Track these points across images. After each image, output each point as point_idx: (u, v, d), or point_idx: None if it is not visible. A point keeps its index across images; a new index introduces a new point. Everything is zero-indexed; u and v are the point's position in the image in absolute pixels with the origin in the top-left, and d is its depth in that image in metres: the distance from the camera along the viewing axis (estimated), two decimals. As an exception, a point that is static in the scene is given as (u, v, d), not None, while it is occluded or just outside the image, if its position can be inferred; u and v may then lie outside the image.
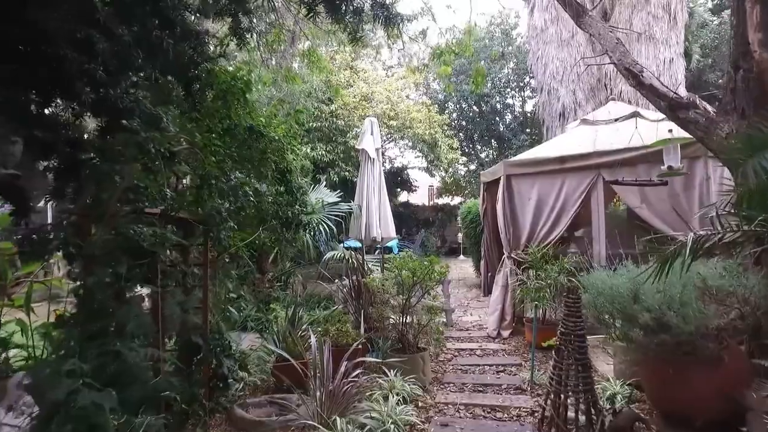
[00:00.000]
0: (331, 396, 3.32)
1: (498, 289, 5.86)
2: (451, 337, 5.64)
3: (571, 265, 4.97)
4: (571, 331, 2.70)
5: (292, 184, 4.77)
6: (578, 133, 6.68)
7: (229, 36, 4.66)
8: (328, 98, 11.42)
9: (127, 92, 2.68)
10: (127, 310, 1.86)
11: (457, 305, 7.48)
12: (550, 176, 5.64)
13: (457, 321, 6.43)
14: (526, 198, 5.81)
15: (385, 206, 8.57)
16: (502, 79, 15.53)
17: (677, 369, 2.75)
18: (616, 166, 4.99)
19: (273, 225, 4.52)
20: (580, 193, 5.42)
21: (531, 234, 5.69)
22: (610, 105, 7.06)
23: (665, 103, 3.72)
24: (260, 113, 5.21)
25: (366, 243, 8.69)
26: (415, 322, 4.35)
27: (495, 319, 5.68)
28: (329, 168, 10.72)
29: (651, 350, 2.76)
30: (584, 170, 5.41)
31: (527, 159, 5.99)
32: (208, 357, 3.31)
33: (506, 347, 5.19)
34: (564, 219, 5.49)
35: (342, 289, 5.74)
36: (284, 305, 6.72)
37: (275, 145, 4.75)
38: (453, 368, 4.57)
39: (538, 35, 12.23)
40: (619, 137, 5.64)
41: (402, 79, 12.83)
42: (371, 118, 8.75)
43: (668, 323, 2.70)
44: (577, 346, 2.68)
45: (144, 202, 2.20)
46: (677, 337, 2.66)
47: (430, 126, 11.85)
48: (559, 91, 11.65)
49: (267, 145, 4.61)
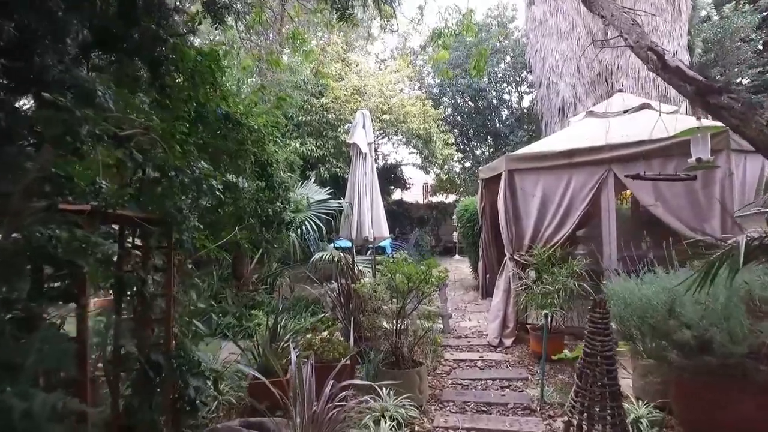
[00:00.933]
0: (314, 421, 2.86)
1: (499, 293, 5.42)
2: (449, 346, 5.20)
3: (582, 268, 4.55)
4: (598, 352, 2.26)
5: (274, 179, 4.29)
6: (584, 126, 6.26)
7: (202, 12, 4.17)
8: (318, 91, 10.94)
9: (61, 62, 2.20)
10: (31, 340, 1.39)
11: (453, 309, 7.04)
12: (557, 171, 5.21)
13: (454, 327, 5.99)
14: (530, 195, 5.38)
15: (377, 204, 8.09)
16: (498, 73, 15.10)
17: (723, 392, 2.32)
18: (638, 160, 4.58)
19: (252, 224, 4.05)
20: (589, 190, 4.99)
21: (535, 234, 5.26)
22: (617, 97, 6.65)
23: (693, 87, 3.28)
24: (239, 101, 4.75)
25: (358, 243, 8.22)
26: (410, 332, 3.90)
27: (496, 327, 5.24)
28: (319, 164, 10.23)
29: (690, 371, 2.33)
30: (594, 165, 4.99)
31: (531, 153, 5.55)
32: (171, 377, 2.83)
33: (509, 358, 4.76)
34: (571, 218, 5.06)
35: (330, 294, 5.28)
36: (267, 311, 6.26)
37: (255, 136, 4.28)
38: (452, 383, 4.13)
39: (536, 27, 11.83)
40: (630, 130, 5.23)
41: (395, 73, 12.35)
42: (363, 110, 8.27)
43: (712, 341, 2.27)
44: (606, 370, 2.24)
45: (67, 197, 1.72)
46: (724, 358, 2.23)
47: (425, 120, 11.39)
48: (559, 85, 11.25)
49: (246, 136, 4.13)
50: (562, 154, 5.19)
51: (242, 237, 3.89)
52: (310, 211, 6.96)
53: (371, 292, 4.08)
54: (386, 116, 10.64)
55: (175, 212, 2.56)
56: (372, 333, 4.11)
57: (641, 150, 4.66)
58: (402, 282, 3.81)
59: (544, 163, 5.32)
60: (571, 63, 11.22)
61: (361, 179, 7.92)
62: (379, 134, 12.39)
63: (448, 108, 15.45)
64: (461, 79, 14.11)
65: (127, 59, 3.14)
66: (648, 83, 10.36)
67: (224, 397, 3.75)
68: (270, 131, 4.55)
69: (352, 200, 7.90)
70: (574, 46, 11.23)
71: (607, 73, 11.24)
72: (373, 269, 4.63)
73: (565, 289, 4.38)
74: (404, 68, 12.56)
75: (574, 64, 11.19)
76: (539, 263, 4.90)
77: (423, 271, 3.66)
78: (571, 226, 5.05)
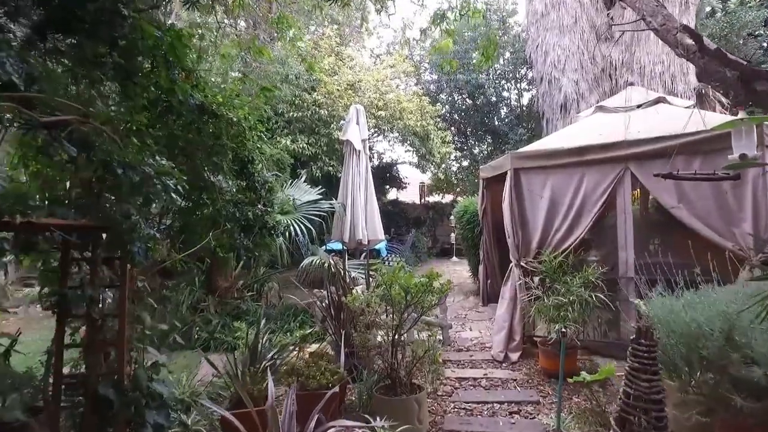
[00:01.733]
0: (295, 466, 2.41)
1: (504, 303, 4.98)
2: (450, 361, 4.75)
3: (598, 277, 4.11)
4: (644, 394, 1.81)
5: (255, 178, 3.81)
6: (594, 121, 5.83)
7: (172, -11, 3.69)
8: (311, 87, 10.45)
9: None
10: None
11: (453, 317, 6.60)
12: (567, 170, 4.77)
13: (455, 338, 5.54)
14: (538, 196, 4.94)
15: (371, 205, 7.61)
16: (497, 69, 14.66)
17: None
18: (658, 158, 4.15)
19: (230, 229, 3.57)
20: (604, 190, 4.56)
21: (543, 238, 4.82)
22: (628, 91, 6.22)
23: (736, 73, 2.86)
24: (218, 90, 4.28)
25: (351, 246, 7.74)
26: (408, 355, 3.43)
27: (501, 340, 4.79)
28: (311, 162, 9.74)
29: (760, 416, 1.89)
30: (609, 163, 4.55)
31: (539, 150, 5.10)
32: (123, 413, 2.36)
33: (517, 376, 4.31)
34: (583, 221, 4.62)
35: (320, 302, 4.81)
36: (253, 320, 5.79)
37: (235, 130, 3.80)
38: (455, 408, 3.67)
39: (537, 21, 11.40)
40: (646, 125, 4.80)
41: (391, 68, 11.88)
42: (357, 105, 7.79)
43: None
44: (655, 417, 1.79)
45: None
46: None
47: (422, 117, 10.92)
48: (561, 81, 10.82)
49: (224, 129, 3.65)
50: (574, 152, 4.75)
51: (217, 244, 3.42)
52: (298, 212, 6.48)
53: (364, 305, 3.61)
54: (381, 112, 10.16)
55: (121, 218, 2.09)
56: (365, 352, 3.65)
57: (662, 146, 4.23)
58: (399, 294, 3.35)
59: (553, 161, 4.87)
60: (574, 58, 10.80)
61: (355, 178, 7.45)
62: (374, 131, 11.91)
63: (446, 105, 14.99)
64: (460, 75, 13.66)
65: (85, 40, 2.67)
66: (654, 79, 9.93)
67: (197, 425, 3.27)
68: (253, 125, 4.07)
69: (344, 201, 7.42)
70: (577, 41, 10.81)
71: (611, 69, 10.83)
72: (366, 278, 4.17)
73: (580, 301, 3.94)
74: (400, 62, 12.08)
75: (577, 59, 10.77)
76: (549, 270, 4.46)
77: (423, 283, 3.20)
78: (583, 230, 4.61)
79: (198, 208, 3.69)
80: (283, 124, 10.00)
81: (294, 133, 9.72)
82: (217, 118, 3.62)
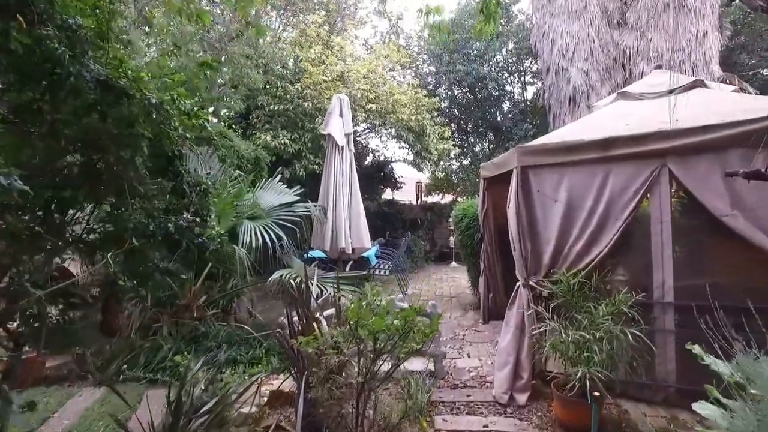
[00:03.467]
0: None
1: (509, 332, 4.06)
2: (443, 402, 3.85)
3: (631, 305, 3.20)
4: None
5: (184, 179, 2.92)
6: (616, 110, 4.92)
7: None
8: (296, 78, 9.55)
9: None
10: None
11: (449, 338, 5.70)
12: (588, 168, 3.87)
13: (449, 368, 4.63)
14: (551, 199, 4.03)
15: (357, 208, 6.70)
16: (500, 61, 13.72)
17: None
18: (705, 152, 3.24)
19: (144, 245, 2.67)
20: (635, 192, 3.65)
21: (558, 252, 3.91)
22: (655, 74, 5.31)
23: None
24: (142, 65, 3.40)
25: (333, 255, 6.84)
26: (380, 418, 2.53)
27: (506, 377, 3.89)
28: (295, 160, 8.85)
29: None
30: (641, 158, 3.64)
31: (552, 144, 4.18)
32: None
33: (526, 427, 3.40)
34: (608, 230, 3.71)
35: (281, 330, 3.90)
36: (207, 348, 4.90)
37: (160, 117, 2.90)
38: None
39: (544, 6, 10.47)
40: (687, 112, 3.89)
41: (385, 58, 10.96)
42: (340, 95, 6.87)
43: None
44: None
45: None
46: None
47: (417, 110, 10.00)
48: (569, 71, 9.90)
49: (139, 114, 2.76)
50: (596, 145, 3.84)
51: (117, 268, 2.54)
52: (269, 217, 5.58)
53: (323, 347, 2.71)
54: (372, 105, 9.24)
55: None
56: (329, 409, 2.75)
57: (713, 137, 3.32)
58: (368, 336, 2.45)
59: (570, 157, 3.96)
60: (584, 46, 9.87)
61: (337, 178, 6.54)
62: (366, 127, 11.01)
63: (445, 100, 14.06)
64: (460, 65, 12.72)
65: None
66: (673, 68, 8.98)
67: None
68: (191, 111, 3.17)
69: (325, 203, 6.52)
70: (587, 27, 9.88)
71: (624, 58, 9.90)
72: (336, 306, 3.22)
73: (609, 338, 3.03)
74: (395, 52, 11.16)
75: (587, 47, 9.85)
76: (566, 293, 3.56)
77: (398, 327, 2.29)
78: (608, 243, 3.69)
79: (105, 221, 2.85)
80: (265, 118, 9.11)
81: (276, 128, 8.83)
82: (129, 98, 2.72)
